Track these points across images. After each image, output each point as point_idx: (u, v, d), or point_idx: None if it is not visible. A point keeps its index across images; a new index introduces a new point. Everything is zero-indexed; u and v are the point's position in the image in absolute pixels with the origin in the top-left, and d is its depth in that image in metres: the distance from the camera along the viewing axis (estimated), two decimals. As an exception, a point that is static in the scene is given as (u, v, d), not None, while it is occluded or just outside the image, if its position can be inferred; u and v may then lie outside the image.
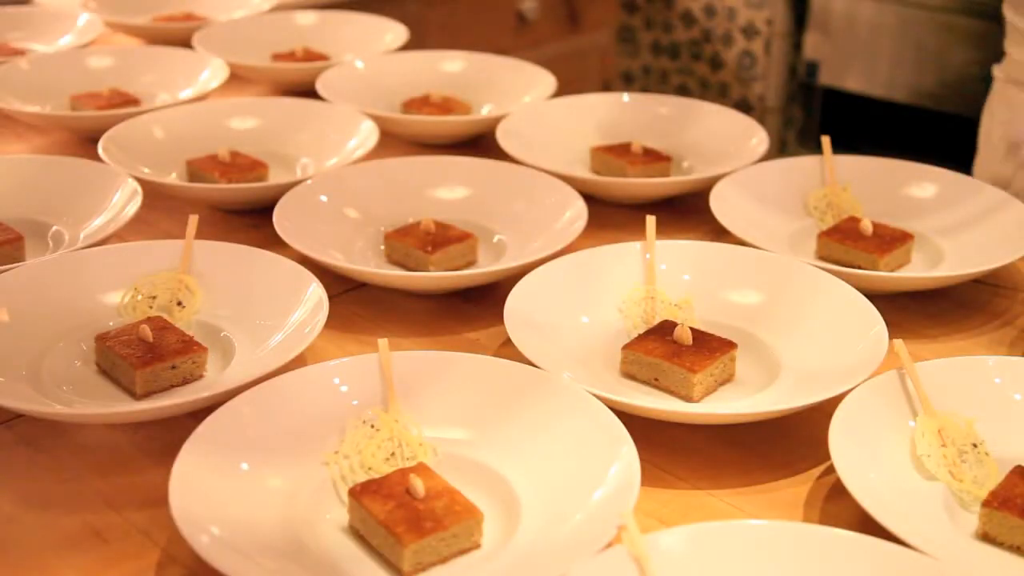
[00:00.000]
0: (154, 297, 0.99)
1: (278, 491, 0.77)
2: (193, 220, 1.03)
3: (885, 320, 0.92)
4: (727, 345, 0.92)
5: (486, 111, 1.52)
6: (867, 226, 1.11)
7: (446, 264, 1.09)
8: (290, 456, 0.79)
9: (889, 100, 3.14)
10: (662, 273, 1.03)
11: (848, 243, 1.09)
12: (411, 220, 1.16)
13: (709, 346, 0.91)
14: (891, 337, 0.89)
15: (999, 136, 1.46)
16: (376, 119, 1.34)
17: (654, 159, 1.29)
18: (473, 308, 1.05)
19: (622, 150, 1.31)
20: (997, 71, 1.48)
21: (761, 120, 2.88)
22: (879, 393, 0.83)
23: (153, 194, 1.19)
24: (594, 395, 0.81)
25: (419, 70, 1.59)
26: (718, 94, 3.55)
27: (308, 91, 1.50)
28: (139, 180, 1.15)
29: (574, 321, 0.97)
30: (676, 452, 0.85)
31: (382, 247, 1.13)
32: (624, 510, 0.69)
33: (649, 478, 0.80)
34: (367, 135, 1.31)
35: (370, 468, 0.79)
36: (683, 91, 3.63)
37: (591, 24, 3.46)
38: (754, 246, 1.06)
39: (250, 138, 1.36)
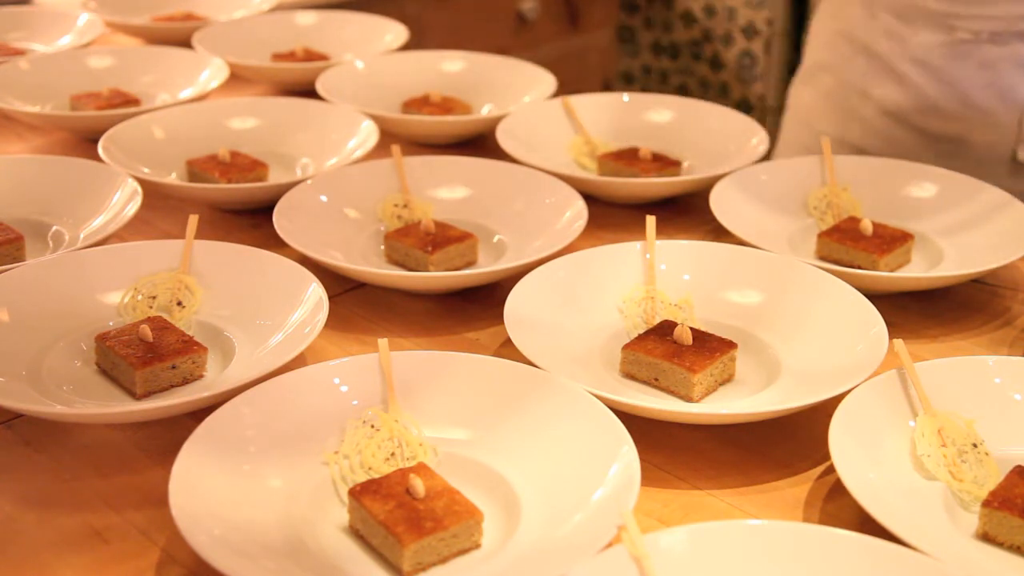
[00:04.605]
0: (154, 297, 0.99)
1: (278, 491, 0.77)
2: (193, 220, 1.03)
3: (885, 320, 0.92)
4: (727, 345, 0.92)
5: (486, 111, 1.52)
6: (867, 226, 1.11)
7: (446, 264, 1.09)
8: (290, 456, 0.79)
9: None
10: (662, 273, 1.03)
11: (848, 243, 1.09)
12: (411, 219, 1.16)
13: (709, 346, 0.91)
14: (891, 337, 0.89)
15: None
16: (376, 119, 1.34)
17: (665, 165, 1.28)
18: (473, 308, 1.05)
19: (631, 157, 1.29)
20: None
21: (761, 120, 2.87)
22: (879, 393, 0.83)
23: (153, 194, 1.19)
24: (594, 395, 0.81)
25: (419, 70, 1.59)
26: (718, 94, 3.54)
27: (308, 91, 1.50)
28: (139, 180, 1.15)
29: (574, 321, 0.97)
30: (676, 452, 0.85)
31: (382, 247, 1.13)
32: (624, 510, 0.69)
33: (649, 478, 0.80)
34: (367, 135, 1.31)
35: (370, 468, 0.79)
36: (683, 91, 3.63)
37: (591, 24, 3.47)
38: (754, 246, 1.06)
39: (250, 138, 1.36)
